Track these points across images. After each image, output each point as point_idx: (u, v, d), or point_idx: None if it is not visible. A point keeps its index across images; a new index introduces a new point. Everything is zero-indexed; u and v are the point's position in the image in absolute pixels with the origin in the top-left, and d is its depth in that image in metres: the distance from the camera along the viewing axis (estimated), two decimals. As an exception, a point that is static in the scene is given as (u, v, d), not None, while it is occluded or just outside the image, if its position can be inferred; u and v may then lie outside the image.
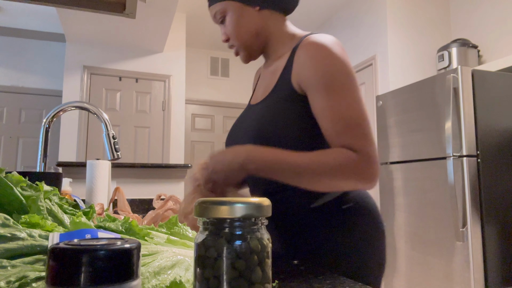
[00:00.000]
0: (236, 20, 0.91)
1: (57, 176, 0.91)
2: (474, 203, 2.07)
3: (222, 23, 0.94)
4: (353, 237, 0.84)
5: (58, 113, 1.18)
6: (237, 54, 0.97)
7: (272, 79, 0.93)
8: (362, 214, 0.87)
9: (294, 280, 0.60)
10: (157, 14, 3.26)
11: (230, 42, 0.95)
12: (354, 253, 0.84)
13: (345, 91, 0.78)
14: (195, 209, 0.31)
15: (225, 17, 0.93)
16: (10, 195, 0.44)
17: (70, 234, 0.37)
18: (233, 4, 0.91)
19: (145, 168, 2.42)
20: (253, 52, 0.96)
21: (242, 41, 0.93)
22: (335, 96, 0.78)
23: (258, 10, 0.92)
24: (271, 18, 0.93)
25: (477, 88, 2.18)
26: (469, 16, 3.11)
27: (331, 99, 0.78)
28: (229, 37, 0.94)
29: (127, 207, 1.16)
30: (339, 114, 0.78)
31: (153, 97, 4.10)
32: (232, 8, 0.91)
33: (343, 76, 0.79)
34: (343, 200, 0.87)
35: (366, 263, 0.84)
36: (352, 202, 0.87)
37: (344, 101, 0.78)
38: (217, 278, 0.29)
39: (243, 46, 0.94)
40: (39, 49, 4.60)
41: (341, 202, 0.86)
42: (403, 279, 2.47)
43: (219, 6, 0.92)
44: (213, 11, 0.94)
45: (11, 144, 4.42)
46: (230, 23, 0.92)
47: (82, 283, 0.23)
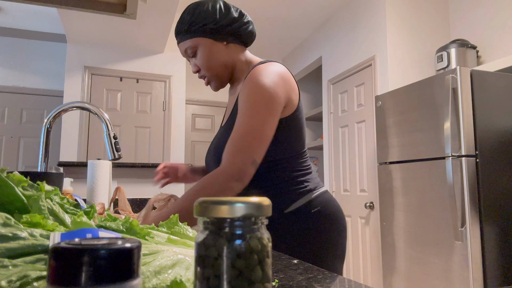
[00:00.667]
0: (208, 54, 1.03)
1: (58, 176, 0.92)
2: (473, 203, 2.08)
3: (193, 57, 1.05)
4: (321, 237, 0.97)
5: (59, 113, 1.18)
6: (208, 83, 1.08)
7: (232, 103, 1.09)
8: (328, 216, 1.00)
9: (294, 280, 0.60)
10: (158, 15, 3.27)
11: (201, 73, 1.06)
12: (323, 250, 0.96)
13: (254, 108, 0.91)
14: (195, 208, 0.31)
15: (196, 52, 1.04)
16: (12, 195, 0.44)
17: (71, 234, 0.38)
18: (204, 40, 1.03)
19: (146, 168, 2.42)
20: (223, 81, 1.08)
21: (214, 72, 1.05)
22: (248, 109, 0.91)
23: (226, 45, 1.05)
24: (235, 50, 1.07)
25: (476, 88, 2.18)
26: (468, 17, 3.11)
27: (245, 111, 0.92)
28: (200, 68, 1.06)
29: (127, 206, 1.16)
30: (242, 123, 0.90)
31: (153, 97, 4.10)
32: (204, 43, 1.03)
33: (258, 99, 0.92)
34: (311, 205, 0.99)
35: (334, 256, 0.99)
36: (319, 206, 1.00)
37: (250, 114, 0.91)
38: (217, 277, 0.29)
39: (214, 76, 1.06)
40: (40, 49, 4.61)
41: (310, 207, 0.99)
42: (402, 278, 2.47)
43: (191, 43, 1.03)
44: (184, 46, 1.05)
45: (12, 144, 4.43)
46: (202, 57, 1.03)
47: (83, 282, 0.23)
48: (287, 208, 0.97)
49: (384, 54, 3.16)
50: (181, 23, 1.04)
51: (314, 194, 1.01)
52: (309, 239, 0.96)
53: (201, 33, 1.02)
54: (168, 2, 3.08)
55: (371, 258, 3.21)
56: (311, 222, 0.97)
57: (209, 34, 1.02)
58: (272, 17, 4.01)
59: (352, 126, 3.56)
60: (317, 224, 0.97)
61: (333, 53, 3.96)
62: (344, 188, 3.65)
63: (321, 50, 4.20)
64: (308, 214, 0.97)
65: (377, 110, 2.82)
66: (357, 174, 3.45)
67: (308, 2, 3.72)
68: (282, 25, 4.19)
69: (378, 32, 3.26)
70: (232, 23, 1.03)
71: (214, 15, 1.01)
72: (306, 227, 0.96)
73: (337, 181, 3.77)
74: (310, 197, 1.00)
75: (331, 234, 0.99)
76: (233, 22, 1.03)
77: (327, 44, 4.10)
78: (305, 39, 4.60)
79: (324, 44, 4.16)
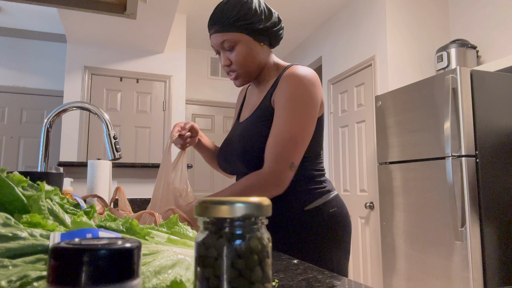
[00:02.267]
0: (247, 51, 1.04)
1: (58, 176, 0.92)
2: (473, 203, 2.08)
3: (228, 50, 1.05)
4: (335, 236, 1.02)
5: (59, 113, 1.18)
6: (235, 78, 1.08)
7: (258, 100, 1.10)
8: (342, 216, 1.06)
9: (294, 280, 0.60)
10: (158, 15, 3.27)
11: (232, 67, 1.06)
12: (335, 247, 1.02)
13: (296, 113, 0.96)
14: (196, 208, 0.31)
15: (234, 47, 1.04)
16: (12, 195, 0.44)
17: (71, 234, 0.38)
18: (246, 37, 1.03)
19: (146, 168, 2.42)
20: (250, 79, 1.09)
21: (246, 70, 1.06)
22: (289, 114, 0.96)
23: (261, 46, 1.07)
24: (267, 52, 1.10)
25: (476, 88, 2.18)
26: (468, 17, 3.11)
27: (286, 115, 0.96)
28: (231, 63, 1.05)
29: (128, 206, 1.16)
30: (284, 128, 0.95)
31: (153, 97, 4.10)
32: (245, 40, 1.03)
33: (299, 102, 0.97)
34: (329, 205, 1.04)
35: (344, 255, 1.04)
36: (336, 207, 1.06)
37: (292, 120, 0.96)
38: (217, 278, 0.29)
39: (246, 73, 1.07)
40: (40, 49, 4.61)
41: (329, 207, 1.04)
42: (402, 278, 2.47)
43: (232, 36, 1.03)
44: (222, 38, 1.03)
45: (12, 144, 4.43)
46: (240, 53, 1.04)
47: (83, 282, 0.23)
48: (308, 206, 1.02)
49: (384, 54, 3.16)
50: (224, 15, 1.02)
51: (331, 196, 1.07)
52: (325, 236, 1.01)
53: (245, 30, 1.03)
54: (168, 2, 3.08)
55: (371, 258, 3.20)
56: (328, 221, 1.02)
57: (252, 33, 1.04)
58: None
59: (352, 126, 3.56)
60: (333, 224, 1.03)
61: (333, 53, 3.96)
62: (344, 188, 3.65)
63: (321, 50, 4.20)
64: (327, 214, 1.03)
65: (377, 110, 2.82)
66: (357, 174, 3.45)
67: (308, 2, 3.72)
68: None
69: (378, 32, 3.26)
70: (274, 27, 1.07)
71: (260, 16, 1.04)
72: (324, 225, 1.01)
73: (337, 181, 3.77)
74: (328, 198, 1.05)
75: (343, 234, 1.04)
76: (274, 26, 1.07)
77: (327, 44, 4.10)
78: (305, 39, 4.60)
79: (324, 44, 4.16)
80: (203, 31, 4.47)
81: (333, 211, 1.04)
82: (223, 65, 1.07)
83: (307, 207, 1.03)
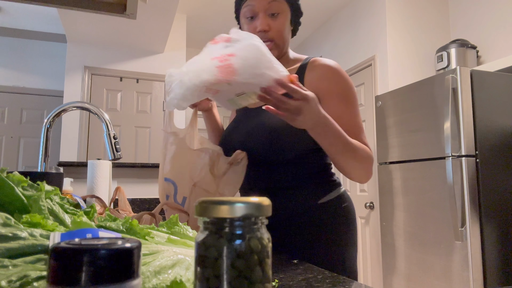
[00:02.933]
0: (285, 23, 1.03)
1: (58, 176, 0.92)
2: (473, 203, 2.08)
3: (271, 16, 1.01)
4: (347, 230, 1.00)
5: (59, 113, 1.18)
6: (270, 48, 1.00)
7: None
8: (352, 213, 1.04)
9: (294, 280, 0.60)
10: (158, 15, 3.27)
11: (270, 35, 1.00)
12: (346, 241, 1.00)
13: (354, 104, 0.99)
14: (196, 208, 0.31)
15: (278, 14, 1.01)
16: (12, 195, 0.44)
17: (71, 234, 0.38)
18: (288, 12, 1.04)
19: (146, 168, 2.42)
20: (278, 56, 1.04)
21: (282, 43, 1.03)
22: (350, 106, 0.97)
23: (290, 28, 1.07)
24: (290, 38, 1.08)
25: (476, 88, 2.18)
26: (468, 17, 3.11)
27: (348, 108, 0.96)
28: (270, 30, 1.00)
29: (128, 206, 1.16)
30: (355, 120, 0.97)
31: (153, 97, 4.10)
32: (286, 14, 1.03)
33: (353, 94, 1.00)
34: (341, 199, 1.03)
35: (355, 252, 1.03)
36: (347, 202, 1.04)
37: (356, 112, 0.98)
38: (217, 278, 0.29)
39: (279, 46, 1.03)
40: (40, 49, 4.61)
41: (341, 201, 1.02)
42: (402, 278, 2.47)
43: (281, 3, 1.01)
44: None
45: (12, 144, 4.43)
46: (282, 23, 1.01)
47: (83, 282, 0.23)
48: (322, 199, 1.00)
49: (384, 54, 3.16)
50: None
51: (342, 190, 1.06)
52: (337, 230, 0.99)
53: (291, 4, 1.04)
54: (168, 2, 3.08)
55: (371, 258, 3.20)
56: (341, 215, 1.00)
57: (293, 9, 1.05)
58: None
59: (352, 126, 3.55)
60: (345, 218, 1.01)
61: (333, 53, 3.96)
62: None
63: (321, 50, 4.20)
64: (340, 208, 1.01)
65: (377, 110, 2.82)
66: (357, 174, 3.45)
67: (308, 2, 3.72)
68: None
69: (378, 32, 3.26)
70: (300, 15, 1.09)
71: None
72: (337, 219, 1.00)
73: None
74: (340, 192, 1.04)
75: (353, 231, 1.03)
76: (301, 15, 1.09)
77: (327, 44, 4.10)
78: (305, 39, 4.60)
79: (324, 44, 4.16)
80: (203, 31, 4.47)
81: (345, 206, 1.02)
82: (260, 30, 0.99)
83: (321, 200, 1.00)
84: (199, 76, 0.74)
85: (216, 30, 4.45)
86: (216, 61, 0.72)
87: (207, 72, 0.73)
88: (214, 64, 0.72)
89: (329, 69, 0.99)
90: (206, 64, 0.74)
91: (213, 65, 0.72)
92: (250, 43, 0.71)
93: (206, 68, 0.73)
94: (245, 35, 0.74)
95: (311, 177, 1.00)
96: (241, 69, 0.70)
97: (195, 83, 0.75)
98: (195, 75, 0.75)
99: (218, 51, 0.72)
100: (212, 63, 0.72)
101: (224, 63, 0.70)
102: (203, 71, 0.74)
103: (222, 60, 0.70)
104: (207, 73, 0.73)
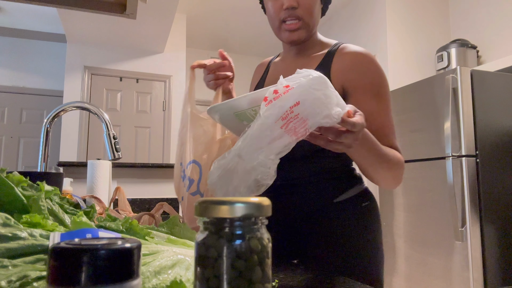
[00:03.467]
0: (315, 2, 0.91)
1: (58, 176, 0.92)
2: (473, 203, 2.07)
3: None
4: (367, 233, 0.88)
5: (59, 113, 1.18)
6: (297, 28, 0.90)
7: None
8: (375, 212, 0.92)
9: (294, 280, 0.60)
10: (158, 14, 3.26)
11: (299, 13, 0.88)
12: (368, 248, 0.87)
13: (387, 100, 0.88)
14: (195, 209, 0.31)
15: None
16: (11, 195, 0.44)
17: (71, 234, 0.38)
18: None
19: (146, 168, 2.42)
20: (307, 36, 0.93)
21: (311, 22, 0.91)
22: (382, 103, 0.86)
23: (320, 6, 0.94)
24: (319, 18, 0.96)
25: (476, 88, 2.18)
26: (468, 17, 3.11)
27: (380, 105, 0.86)
28: (299, 6, 0.88)
29: (127, 206, 1.16)
30: (386, 119, 0.87)
31: (153, 97, 4.10)
32: None
33: (386, 87, 0.89)
34: (362, 198, 0.91)
35: (376, 256, 0.88)
36: (369, 200, 0.92)
37: (388, 109, 0.87)
38: (217, 278, 0.29)
39: (308, 26, 0.91)
40: (40, 49, 4.60)
41: (361, 200, 0.90)
42: (403, 278, 2.47)
43: None
44: None
45: (12, 144, 4.43)
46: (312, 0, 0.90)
47: (83, 283, 0.23)
48: (338, 197, 0.89)
49: (384, 54, 3.16)
50: None
51: (363, 187, 0.93)
52: (356, 233, 0.87)
53: None
54: (168, 2, 3.08)
55: (371, 258, 3.20)
56: (360, 215, 0.88)
57: None
58: (272, 17, 4.01)
59: (352, 126, 3.56)
60: (365, 219, 0.89)
61: (333, 53, 3.96)
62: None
63: (321, 50, 4.20)
64: (359, 207, 0.89)
65: (377, 110, 2.82)
66: (357, 174, 3.45)
67: (308, 2, 3.72)
68: (282, 25, 4.19)
69: (378, 32, 3.25)
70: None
71: None
72: (355, 220, 0.88)
73: (337, 181, 3.77)
74: (360, 189, 0.92)
75: (374, 231, 0.89)
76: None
77: (327, 44, 4.10)
78: (305, 39, 4.60)
79: (324, 44, 4.16)
80: (203, 31, 4.47)
81: (366, 205, 0.90)
82: (287, 7, 0.87)
83: (338, 198, 0.89)
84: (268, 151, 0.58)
85: (216, 30, 4.44)
86: (280, 121, 0.55)
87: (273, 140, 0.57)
88: (278, 125, 0.56)
89: (360, 58, 0.87)
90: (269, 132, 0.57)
91: (278, 127, 0.56)
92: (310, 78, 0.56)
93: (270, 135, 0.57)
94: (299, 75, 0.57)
95: (328, 172, 0.90)
96: (310, 117, 0.55)
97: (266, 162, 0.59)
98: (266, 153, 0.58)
99: (278, 109, 0.56)
100: (276, 126, 0.56)
101: (288, 120, 0.55)
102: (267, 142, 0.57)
103: (285, 116, 0.55)
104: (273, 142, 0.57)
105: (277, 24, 0.91)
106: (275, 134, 0.56)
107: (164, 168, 2.47)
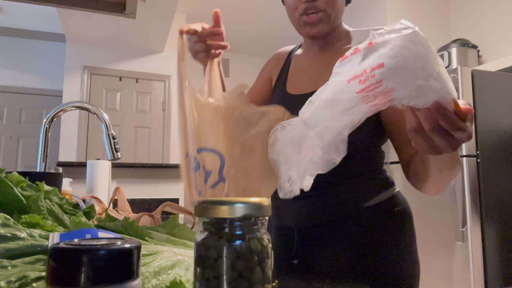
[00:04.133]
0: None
1: (58, 176, 0.91)
2: (474, 203, 2.07)
3: None
4: (402, 239, 0.82)
5: (58, 113, 1.18)
6: (317, 20, 0.82)
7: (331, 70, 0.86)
8: (408, 219, 0.85)
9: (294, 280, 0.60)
10: (157, 14, 3.26)
11: (319, 4, 0.81)
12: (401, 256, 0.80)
13: None
14: (195, 209, 0.31)
15: None
16: (11, 195, 0.44)
17: (70, 234, 0.37)
18: None
19: (145, 168, 2.42)
20: (330, 30, 0.86)
21: (334, 14, 0.84)
22: None
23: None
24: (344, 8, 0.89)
25: (477, 88, 2.18)
26: (469, 16, 3.11)
27: None
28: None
29: (127, 207, 1.16)
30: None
31: (153, 97, 4.10)
32: None
33: None
34: (394, 203, 0.84)
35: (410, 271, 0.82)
36: (402, 205, 0.84)
37: None
38: (217, 278, 0.29)
39: (331, 19, 0.84)
40: (39, 49, 4.60)
41: (393, 205, 0.83)
42: (403, 279, 2.47)
43: None
44: None
45: (11, 144, 4.42)
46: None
47: (82, 283, 0.23)
48: (369, 201, 0.81)
49: (384, 54, 3.16)
50: None
51: (395, 190, 0.87)
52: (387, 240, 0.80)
53: None
54: (168, 1, 3.08)
55: (371, 258, 3.21)
56: (393, 221, 0.81)
57: None
58: (273, 16, 4.01)
59: (352, 126, 3.56)
60: (397, 225, 0.82)
61: (333, 53, 3.96)
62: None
63: (321, 50, 4.20)
64: (391, 212, 0.82)
65: (377, 110, 2.82)
66: (357, 174, 3.45)
67: (308, 2, 3.72)
68: (283, 24, 4.18)
69: (378, 32, 3.26)
70: None
71: None
72: (386, 228, 0.80)
73: (337, 181, 3.77)
74: (392, 192, 0.85)
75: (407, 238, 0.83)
76: None
77: (327, 44, 4.10)
78: (305, 39, 4.60)
79: (324, 44, 4.16)
80: (202, 31, 4.47)
81: (399, 210, 0.83)
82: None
83: (368, 203, 0.81)
84: (339, 121, 0.47)
85: (216, 30, 4.44)
86: (355, 83, 0.44)
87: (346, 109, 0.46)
88: (353, 89, 0.44)
89: None
90: (343, 95, 0.46)
91: (353, 91, 0.45)
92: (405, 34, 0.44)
93: (344, 101, 0.45)
94: (393, 27, 0.46)
95: (359, 175, 0.84)
96: (397, 85, 0.42)
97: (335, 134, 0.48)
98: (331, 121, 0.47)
99: (354, 69, 0.45)
100: (351, 89, 0.45)
101: (367, 83, 0.43)
102: (341, 109, 0.46)
103: (364, 80, 0.43)
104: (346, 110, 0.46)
105: (296, 17, 0.83)
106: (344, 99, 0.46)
107: (164, 168, 2.47)
